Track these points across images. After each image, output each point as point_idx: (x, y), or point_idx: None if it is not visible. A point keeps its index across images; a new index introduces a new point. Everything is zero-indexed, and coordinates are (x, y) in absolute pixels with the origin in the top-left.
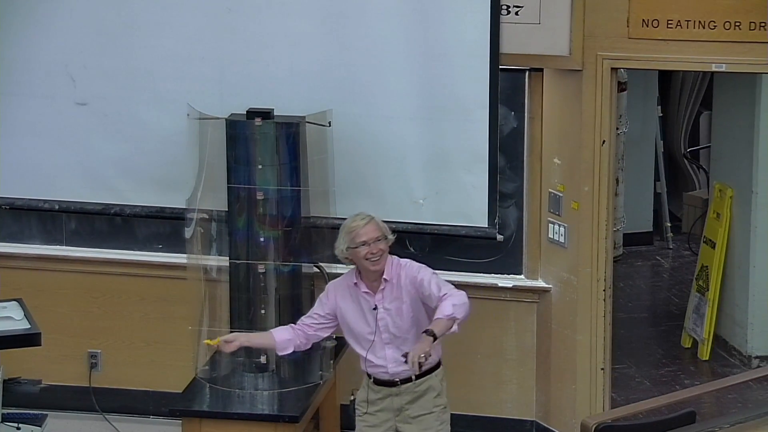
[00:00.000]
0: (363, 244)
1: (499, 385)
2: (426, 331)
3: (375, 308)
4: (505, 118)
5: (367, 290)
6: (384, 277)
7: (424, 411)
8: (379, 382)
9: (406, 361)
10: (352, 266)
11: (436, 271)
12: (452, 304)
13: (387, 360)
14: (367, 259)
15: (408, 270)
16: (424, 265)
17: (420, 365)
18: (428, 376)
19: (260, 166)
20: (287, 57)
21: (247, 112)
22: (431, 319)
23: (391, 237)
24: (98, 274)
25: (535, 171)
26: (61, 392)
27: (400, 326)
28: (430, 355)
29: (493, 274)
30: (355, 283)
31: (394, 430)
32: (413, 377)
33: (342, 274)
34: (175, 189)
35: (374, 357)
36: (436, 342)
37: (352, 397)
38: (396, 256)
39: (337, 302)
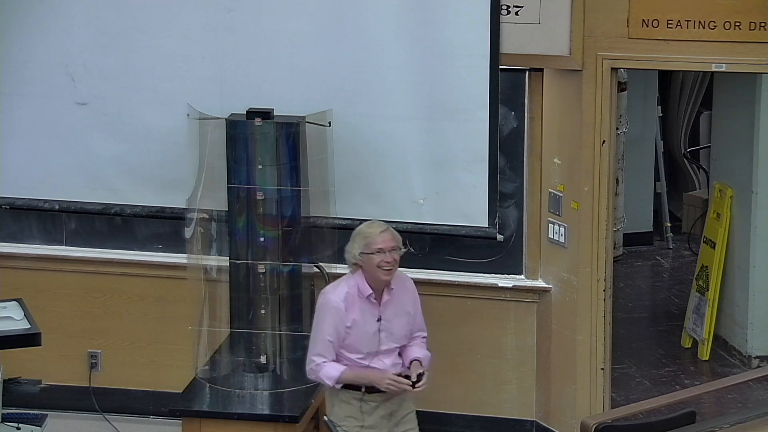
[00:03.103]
0: (378, 252)
1: (499, 385)
2: (418, 361)
3: (379, 319)
4: (505, 118)
5: (374, 299)
6: (391, 287)
7: (408, 410)
8: (372, 390)
9: (409, 368)
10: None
11: (436, 271)
12: (428, 358)
13: (386, 366)
14: (380, 267)
15: (410, 285)
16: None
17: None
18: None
19: (260, 166)
20: (287, 57)
21: (247, 112)
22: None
23: (403, 249)
24: (98, 274)
25: (535, 171)
26: (61, 392)
27: (399, 337)
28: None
29: (493, 274)
30: (359, 291)
31: None
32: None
33: (342, 274)
34: (175, 189)
35: (378, 365)
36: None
37: (326, 418)
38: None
39: (348, 314)
